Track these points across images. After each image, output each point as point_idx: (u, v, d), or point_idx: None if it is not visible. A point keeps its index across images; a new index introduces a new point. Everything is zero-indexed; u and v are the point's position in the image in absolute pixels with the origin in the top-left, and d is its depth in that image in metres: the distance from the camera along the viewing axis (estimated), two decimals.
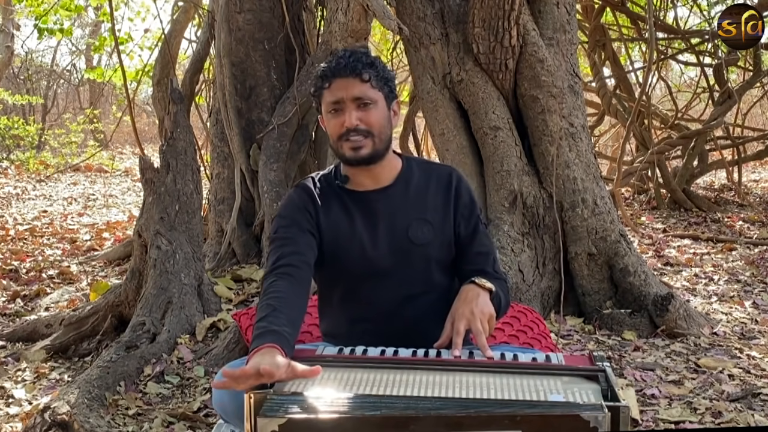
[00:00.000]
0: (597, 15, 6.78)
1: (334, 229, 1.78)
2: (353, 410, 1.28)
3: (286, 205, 1.83)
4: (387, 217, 1.79)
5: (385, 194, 1.81)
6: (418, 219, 1.79)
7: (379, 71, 1.74)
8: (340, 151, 1.75)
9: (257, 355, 1.42)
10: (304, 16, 4.71)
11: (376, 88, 1.73)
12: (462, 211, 1.83)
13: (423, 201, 1.81)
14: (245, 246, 4.23)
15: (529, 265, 3.45)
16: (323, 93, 1.75)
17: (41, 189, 9.60)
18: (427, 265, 1.80)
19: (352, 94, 1.70)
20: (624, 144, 5.58)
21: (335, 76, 1.72)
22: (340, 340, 1.80)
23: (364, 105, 1.72)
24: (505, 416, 1.25)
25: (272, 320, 1.52)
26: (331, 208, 1.80)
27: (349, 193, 1.81)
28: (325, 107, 1.75)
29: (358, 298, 1.80)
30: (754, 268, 4.53)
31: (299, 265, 1.68)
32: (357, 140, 1.71)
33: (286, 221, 1.78)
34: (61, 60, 20.74)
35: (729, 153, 8.10)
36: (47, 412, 2.26)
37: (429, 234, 1.79)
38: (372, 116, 1.72)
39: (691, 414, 2.46)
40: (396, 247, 1.78)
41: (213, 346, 3.01)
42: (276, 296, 1.59)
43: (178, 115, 3.47)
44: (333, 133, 1.75)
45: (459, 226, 1.82)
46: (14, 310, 3.93)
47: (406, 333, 1.74)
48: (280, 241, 1.74)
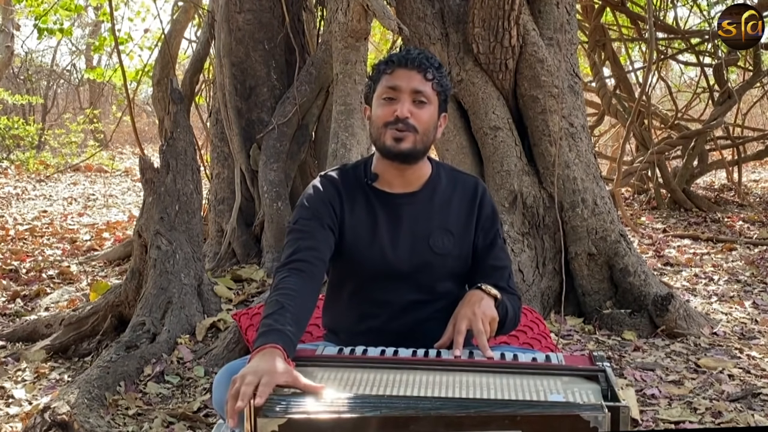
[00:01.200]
0: (597, 15, 6.78)
1: (356, 227, 1.77)
2: (353, 410, 1.28)
3: (311, 195, 1.79)
4: (410, 223, 1.78)
5: (411, 199, 1.79)
6: (440, 228, 1.78)
7: (443, 77, 1.74)
8: (381, 138, 1.72)
9: (258, 356, 1.41)
10: (304, 16, 4.72)
11: (435, 90, 1.72)
12: (483, 223, 1.82)
13: (447, 211, 1.80)
14: (245, 246, 4.23)
15: (529, 265, 3.45)
16: (382, 77, 1.73)
17: (41, 189, 9.60)
18: (443, 274, 1.79)
19: (411, 86, 1.69)
20: (624, 144, 5.58)
21: (401, 65, 1.71)
22: (343, 336, 1.82)
23: (419, 101, 1.70)
24: (505, 416, 1.25)
25: (277, 318, 1.51)
26: (356, 205, 1.78)
27: (377, 192, 1.79)
28: (380, 91, 1.73)
29: (369, 297, 1.80)
30: (754, 268, 4.53)
31: (313, 262, 1.67)
32: (402, 132, 1.69)
33: (308, 213, 1.75)
34: (61, 60, 20.77)
35: (729, 153, 8.10)
36: (47, 412, 2.26)
37: (449, 245, 1.78)
38: (424, 114, 1.71)
39: (691, 414, 2.46)
40: (416, 253, 1.77)
41: (213, 346, 3.01)
42: (285, 293, 1.58)
43: (178, 115, 3.47)
44: (380, 118, 1.72)
45: (478, 238, 1.82)
46: (14, 310, 3.93)
47: (410, 334, 1.75)
48: (298, 233, 1.72)
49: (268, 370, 1.35)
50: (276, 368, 1.36)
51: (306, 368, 1.46)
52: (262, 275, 3.87)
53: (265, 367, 1.36)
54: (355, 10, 3.18)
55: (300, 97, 4.18)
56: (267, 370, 1.35)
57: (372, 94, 1.76)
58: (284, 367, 1.37)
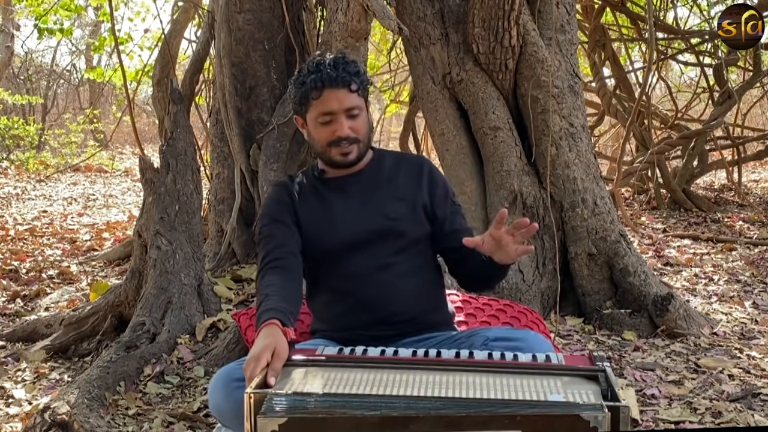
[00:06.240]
0: (597, 15, 6.78)
1: (309, 214, 1.90)
2: (353, 410, 1.28)
3: (265, 204, 1.99)
4: (361, 196, 1.91)
5: (358, 178, 1.93)
6: (391, 197, 1.91)
7: (362, 79, 1.86)
8: (327, 155, 1.88)
9: (259, 338, 1.52)
10: (304, 16, 4.71)
11: (361, 96, 1.86)
12: (438, 195, 1.94)
13: (395, 182, 1.93)
14: (245, 246, 4.23)
15: (529, 265, 3.45)
16: (311, 102, 1.83)
17: (41, 189, 9.60)
18: (401, 238, 1.88)
19: (344, 106, 1.82)
20: (624, 144, 5.57)
21: (325, 87, 1.81)
22: (325, 322, 1.92)
23: (353, 115, 1.84)
24: (505, 416, 1.25)
25: (266, 303, 1.65)
26: (308, 196, 1.94)
27: (324, 180, 1.96)
28: (314, 116, 1.85)
29: (337, 273, 1.89)
30: (754, 268, 4.53)
31: (284, 256, 1.81)
32: (346, 148, 1.85)
33: (266, 219, 1.93)
34: (61, 60, 20.78)
35: (729, 153, 8.10)
36: (47, 412, 2.26)
37: (402, 209, 1.89)
38: (360, 124, 1.86)
39: (691, 414, 2.46)
40: (370, 222, 1.88)
41: (213, 346, 3.01)
42: (266, 286, 1.73)
43: (178, 115, 3.47)
44: (322, 140, 1.86)
45: (437, 209, 1.93)
46: (14, 310, 3.93)
47: (379, 297, 1.84)
48: (264, 240, 1.87)
49: (272, 343, 1.49)
50: (278, 341, 1.50)
51: (306, 368, 1.46)
52: None
53: (271, 340, 1.49)
54: (355, 10, 3.18)
55: None
56: (262, 346, 1.48)
57: (302, 110, 1.88)
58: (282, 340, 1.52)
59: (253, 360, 1.43)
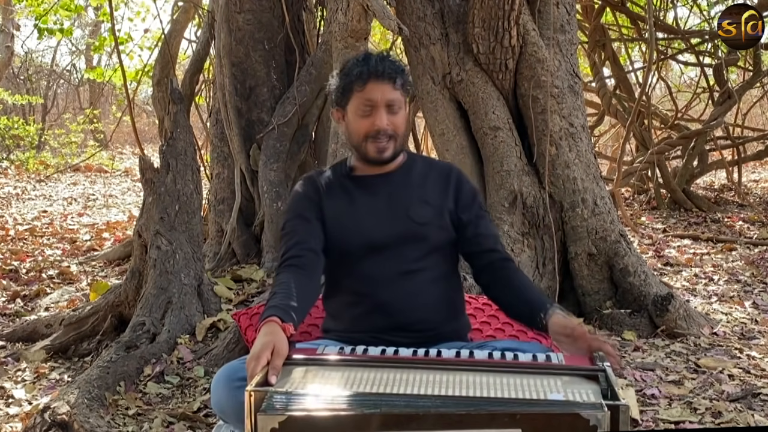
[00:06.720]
0: (597, 15, 6.78)
1: (335, 211, 1.89)
2: (353, 408, 1.28)
3: (291, 198, 1.96)
4: (388, 197, 1.89)
5: (387, 179, 1.91)
6: (419, 201, 1.89)
7: (406, 78, 1.86)
8: (363, 149, 1.86)
9: (259, 336, 1.52)
10: (304, 16, 4.72)
11: (403, 94, 1.85)
12: (465, 200, 1.93)
13: (423, 186, 1.92)
14: (245, 246, 4.23)
15: (529, 265, 3.45)
16: (354, 92, 1.83)
17: (41, 189, 9.60)
18: (426, 243, 1.87)
19: (386, 98, 1.81)
20: (624, 144, 5.58)
21: (371, 79, 1.81)
22: (341, 322, 1.89)
23: (393, 110, 1.83)
24: (505, 414, 1.25)
25: (271, 302, 1.66)
26: (335, 193, 1.91)
27: (353, 178, 1.93)
28: (355, 106, 1.84)
29: (359, 274, 1.87)
30: (754, 268, 4.53)
31: (302, 254, 1.80)
32: (383, 142, 1.83)
33: (291, 214, 1.91)
34: (61, 60, 20.75)
35: (729, 153, 8.10)
36: (47, 412, 2.26)
37: (429, 214, 1.88)
38: (399, 120, 1.84)
39: (691, 414, 2.46)
40: (396, 225, 1.86)
41: (213, 346, 3.01)
42: (277, 284, 1.73)
43: (178, 115, 3.48)
44: (360, 131, 1.84)
45: (462, 213, 1.91)
46: (14, 310, 3.93)
47: (401, 303, 1.82)
48: (286, 236, 1.86)
49: (271, 341, 1.48)
50: (278, 339, 1.49)
51: (307, 367, 1.46)
52: (262, 275, 3.88)
53: (270, 338, 1.49)
54: (355, 10, 3.18)
55: (300, 97, 4.18)
56: (262, 343, 1.48)
57: (343, 100, 1.87)
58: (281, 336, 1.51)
59: (254, 358, 1.43)
